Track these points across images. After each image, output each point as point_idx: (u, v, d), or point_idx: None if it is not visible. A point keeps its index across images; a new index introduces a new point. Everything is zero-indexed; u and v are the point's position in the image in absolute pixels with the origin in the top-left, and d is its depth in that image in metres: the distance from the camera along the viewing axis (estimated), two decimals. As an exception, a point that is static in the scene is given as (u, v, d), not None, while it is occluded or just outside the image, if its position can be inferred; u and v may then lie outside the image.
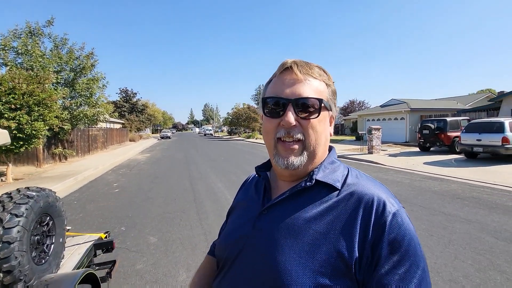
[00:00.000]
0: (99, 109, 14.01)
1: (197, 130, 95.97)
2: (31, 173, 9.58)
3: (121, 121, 37.62)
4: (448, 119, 13.08)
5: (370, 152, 13.65)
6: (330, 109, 0.66)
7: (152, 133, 60.68)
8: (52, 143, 12.14)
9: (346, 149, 16.42)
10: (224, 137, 45.48)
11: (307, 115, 0.62)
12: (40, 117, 8.10)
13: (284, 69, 0.64)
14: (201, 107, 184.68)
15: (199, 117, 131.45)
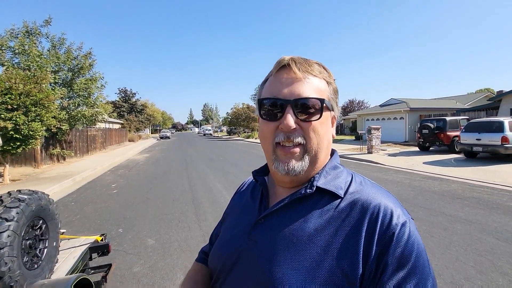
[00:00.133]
0: (98, 109, 13.95)
1: (196, 130, 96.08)
2: (28, 174, 9.52)
3: (120, 121, 37.54)
4: (447, 118, 13.06)
5: (370, 151, 13.64)
6: (332, 109, 0.61)
7: (151, 133, 60.58)
8: (50, 144, 12.07)
9: (345, 148, 16.40)
10: (224, 137, 45.40)
11: (307, 116, 0.57)
12: (37, 117, 8.03)
13: (281, 67, 0.59)
14: (200, 107, 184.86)
15: (198, 117, 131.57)
